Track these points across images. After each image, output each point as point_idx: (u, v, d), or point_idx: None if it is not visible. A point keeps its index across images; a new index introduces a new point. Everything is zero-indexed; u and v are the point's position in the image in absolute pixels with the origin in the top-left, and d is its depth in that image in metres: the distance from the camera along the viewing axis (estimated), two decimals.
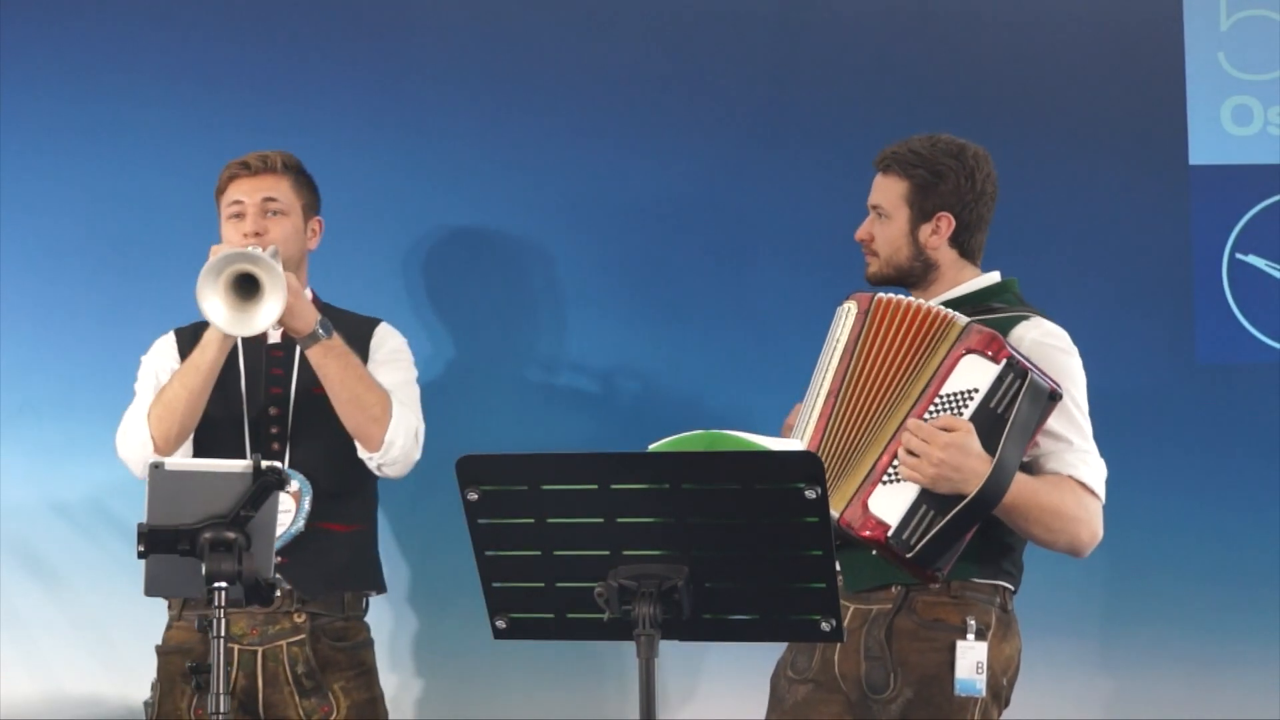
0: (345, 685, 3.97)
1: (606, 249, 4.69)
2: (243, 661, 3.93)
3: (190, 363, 3.93)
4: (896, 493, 3.60)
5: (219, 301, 3.77)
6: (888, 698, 3.68)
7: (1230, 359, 4.70)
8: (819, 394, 3.71)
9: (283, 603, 3.93)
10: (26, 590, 4.48)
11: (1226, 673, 4.58)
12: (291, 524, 3.95)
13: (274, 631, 3.94)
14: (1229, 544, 4.63)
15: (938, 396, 3.64)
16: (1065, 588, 4.55)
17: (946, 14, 4.78)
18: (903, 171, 3.85)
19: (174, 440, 3.93)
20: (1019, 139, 4.74)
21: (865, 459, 3.64)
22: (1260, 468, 4.65)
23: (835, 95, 4.73)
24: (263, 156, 4.06)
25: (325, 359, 3.91)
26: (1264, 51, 4.80)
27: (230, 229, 4.04)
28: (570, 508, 2.97)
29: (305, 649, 3.94)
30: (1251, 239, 4.74)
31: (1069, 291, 4.68)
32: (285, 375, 4.03)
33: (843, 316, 3.76)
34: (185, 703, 3.91)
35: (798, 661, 3.78)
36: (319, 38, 4.68)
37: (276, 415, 4.01)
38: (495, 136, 4.67)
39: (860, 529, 3.57)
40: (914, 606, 3.72)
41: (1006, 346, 3.65)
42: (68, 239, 4.57)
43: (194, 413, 3.93)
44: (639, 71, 4.72)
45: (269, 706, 3.94)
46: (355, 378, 3.93)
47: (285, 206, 4.05)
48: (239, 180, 4.05)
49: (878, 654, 3.71)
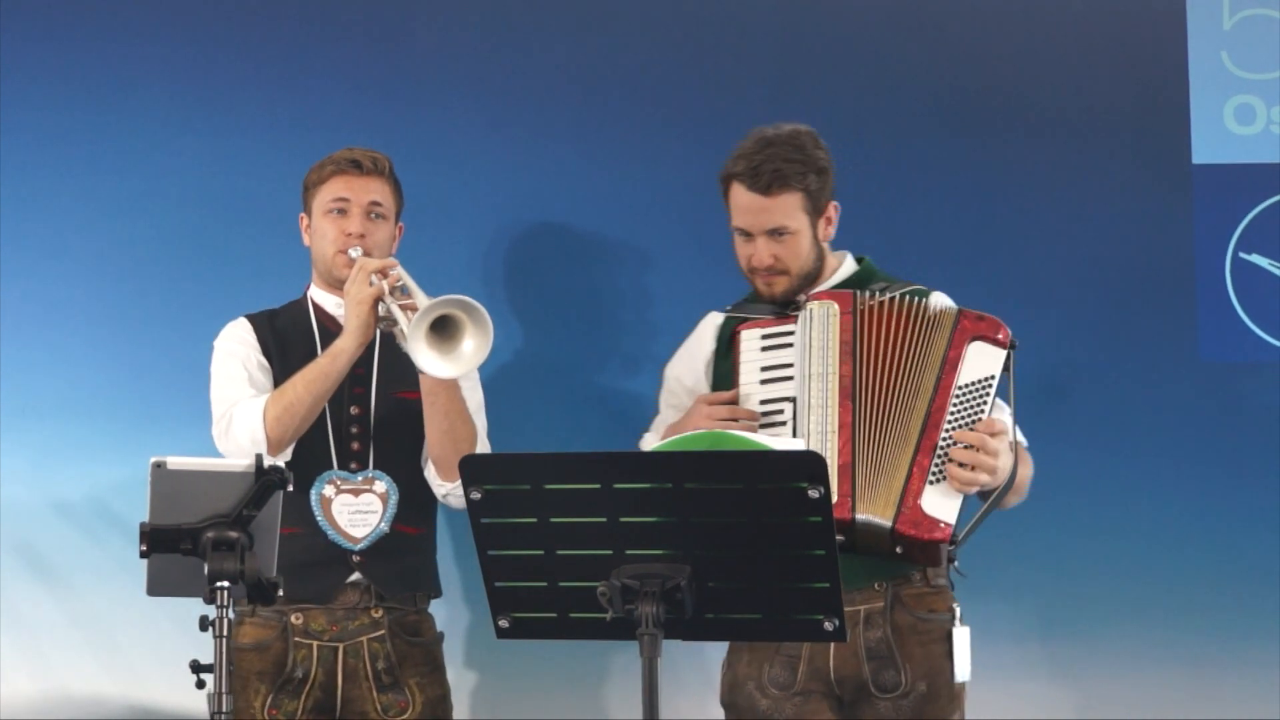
0: (420, 681, 3.99)
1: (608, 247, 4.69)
2: (322, 658, 3.94)
3: (319, 369, 3.90)
4: (945, 491, 3.62)
5: (425, 344, 3.71)
6: (900, 694, 3.71)
7: (1233, 357, 4.70)
8: (829, 398, 3.69)
9: (361, 598, 3.95)
10: (27, 590, 4.47)
11: (1226, 673, 4.58)
12: (377, 525, 3.97)
13: (354, 628, 3.96)
14: (1230, 543, 4.62)
15: (956, 388, 3.66)
16: (1065, 587, 4.55)
17: (947, 14, 4.77)
18: (796, 184, 3.79)
19: (288, 442, 3.92)
20: (1021, 138, 4.75)
21: (900, 460, 3.64)
22: (1262, 466, 4.65)
23: (835, 95, 4.73)
24: (373, 157, 4.06)
25: (438, 387, 3.91)
26: (1267, 51, 4.79)
27: (329, 224, 4.03)
28: (573, 507, 2.97)
29: (385, 644, 3.96)
30: (1254, 238, 4.73)
31: (1071, 290, 4.68)
32: (367, 376, 4.03)
33: (822, 318, 3.74)
34: (259, 702, 3.92)
35: (777, 676, 3.76)
36: (322, 36, 4.68)
37: (358, 415, 4.02)
38: (497, 136, 4.67)
39: (927, 533, 3.59)
40: (904, 601, 3.74)
41: (1005, 328, 3.66)
42: (68, 239, 4.57)
43: (312, 418, 3.93)
44: (647, 70, 4.72)
45: (347, 702, 3.95)
46: (457, 411, 3.94)
47: (386, 211, 4.06)
48: (347, 178, 4.04)
49: (885, 653, 3.72)
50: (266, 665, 3.93)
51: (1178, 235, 4.72)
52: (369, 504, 3.96)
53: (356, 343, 3.88)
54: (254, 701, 3.92)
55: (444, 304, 3.71)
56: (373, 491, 3.97)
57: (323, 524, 3.95)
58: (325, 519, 3.96)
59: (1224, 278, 4.72)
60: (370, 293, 3.86)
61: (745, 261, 3.87)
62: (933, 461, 3.62)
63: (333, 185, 4.05)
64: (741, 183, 3.81)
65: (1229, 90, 4.79)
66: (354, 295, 3.87)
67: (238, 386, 3.98)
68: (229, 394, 3.98)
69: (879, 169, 4.67)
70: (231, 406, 3.95)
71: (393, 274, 3.88)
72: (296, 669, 3.93)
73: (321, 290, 4.10)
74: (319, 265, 4.09)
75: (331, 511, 3.96)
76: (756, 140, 3.83)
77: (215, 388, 4.02)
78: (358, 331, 3.87)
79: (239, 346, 4.05)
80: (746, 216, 3.82)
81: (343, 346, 3.89)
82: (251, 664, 3.93)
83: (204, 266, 4.57)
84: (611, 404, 4.59)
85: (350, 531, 3.97)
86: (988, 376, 3.69)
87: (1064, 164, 4.74)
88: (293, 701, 3.93)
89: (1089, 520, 4.55)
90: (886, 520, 3.60)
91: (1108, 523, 4.60)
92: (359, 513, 3.96)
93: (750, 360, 3.81)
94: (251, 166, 4.59)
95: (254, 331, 4.07)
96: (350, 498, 3.97)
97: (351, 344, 3.88)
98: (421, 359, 3.70)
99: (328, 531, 3.95)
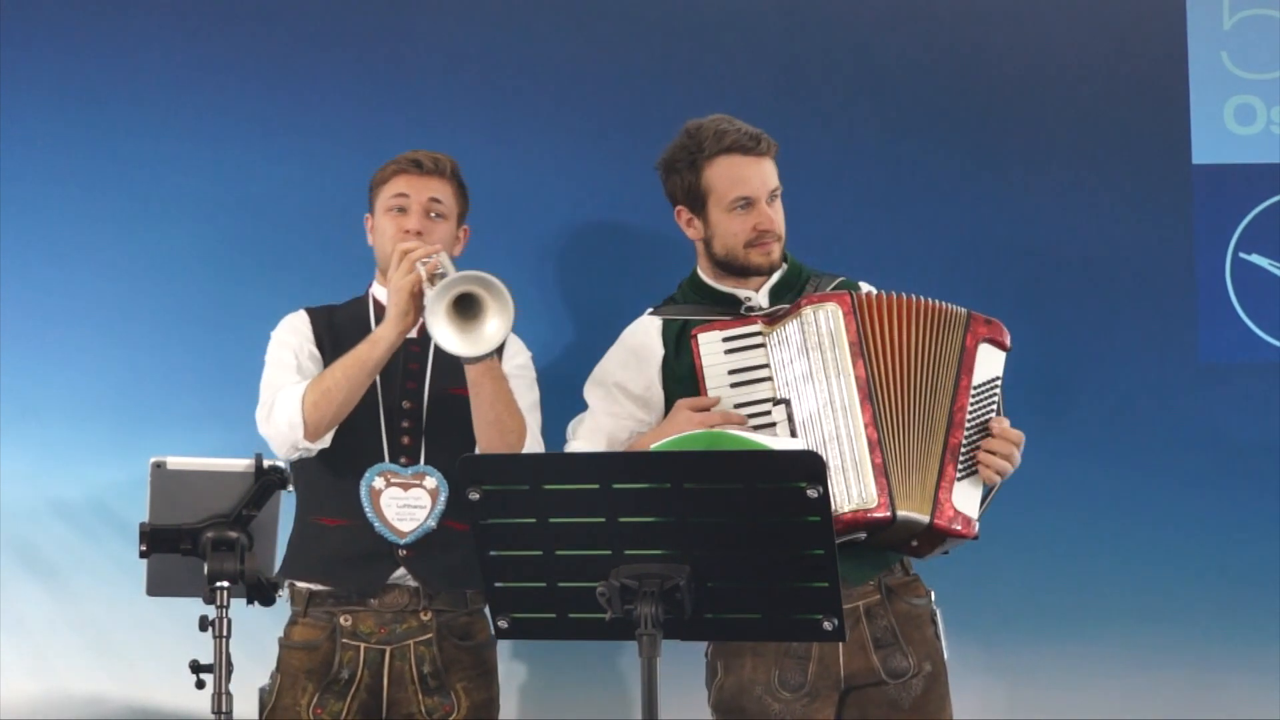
0: (467, 685, 3.98)
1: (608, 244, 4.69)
2: (369, 660, 3.94)
3: (357, 356, 3.91)
4: (969, 486, 3.73)
5: (444, 321, 3.72)
6: (909, 677, 3.79)
7: (1233, 358, 4.70)
8: (846, 398, 3.71)
9: (410, 600, 3.95)
10: (27, 590, 4.47)
11: (1226, 673, 4.58)
12: (425, 520, 3.97)
13: (402, 630, 3.95)
14: (1230, 543, 4.62)
15: (972, 388, 3.75)
16: (1066, 587, 4.55)
17: (947, 14, 4.77)
18: (774, 153, 3.90)
19: (325, 428, 3.92)
20: (1021, 139, 4.74)
21: (930, 458, 3.71)
22: (1262, 466, 4.65)
23: (836, 95, 4.73)
24: (434, 158, 4.09)
25: (484, 378, 3.91)
26: (1267, 51, 4.79)
27: (390, 222, 4.06)
28: (572, 507, 2.97)
29: (432, 648, 3.95)
30: (1254, 238, 4.73)
31: (1072, 291, 4.68)
32: (420, 370, 4.04)
33: (825, 320, 3.75)
34: (305, 700, 3.92)
35: (787, 679, 3.79)
36: (323, 38, 4.68)
37: (410, 409, 4.02)
38: (499, 135, 4.67)
39: (961, 527, 3.70)
40: (895, 591, 3.83)
41: (1008, 332, 3.78)
42: (68, 241, 4.56)
43: (350, 405, 3.92)
44: (647, 71, 4.72)
45: (392, 704, 3.95)
46: (504, 402, 3.93)
47: (446, 210, 4.08)
48: (408, 176, 4.08)
49: (890, 641, 3.80)
50: (315, 664, 3.93)
51: (1178, 235, 4.72)
52: (418, 499, 3.97)
53: (397, 330, 3.88)
54: (300, 700, 3.93)
55: (464, 280, 3.71)
56: (423, 487, 3.97)
57: (370, 515, 3.95)
58: (373, 511, 3.95)
59: (1224, 278, 4.72)
60: (411, 280, 3.86)
61: (745, 234, 3.89)
62: (959, 458, 3.71)
63: (394, 184, 4.08)
64: (736, 152, 3.87)
65: (1229, 90, 4.79)
66: (395, 283, 3.89)
67: (285, 374, 4.00)
68: (275, 380, 4.00)
69: (879, 169, 4.67)
70: (276, 392, 3.97)
71: (432, 260, 3.89)
72: (343, 670, 3.93)
73: (383, 287, 4.10)
74: (380, 262, 4.12)
75: (380, 504, 3.96)
76: (711, 120, 3.91)
77: (265, 375, 4.05)
78: (399, 319, 3.88)
79: (292, 336, 4.07)
80: (749, 184, 3.87)
81: (382, 334, 3.90)
82: (301, 662, 3.94)
83: (204, 268, 4.56)
84: None
85: (397, 525, 3.97)
86: (994, 378, 3.79)
87: (1064, 164, 4.74)
88: (338, 702, 3.93)
89: (1089, 520, 4.55)
90: (924, 516, 3.68)
91: (1107, 522, 4.59)
92: (407, 507, 3.97)
93: (714, 363, 3.82)
94: (252, 170, 4.59)
95: (310, 323, 4.09)
96: (400, 491, 3.97)
97: (391, 332, 3.89)
98: (440, 335, 3.71)
99: (374, 523, 3.95)
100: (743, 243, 3.89)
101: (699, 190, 3.90)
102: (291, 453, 3.91)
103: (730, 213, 3.88)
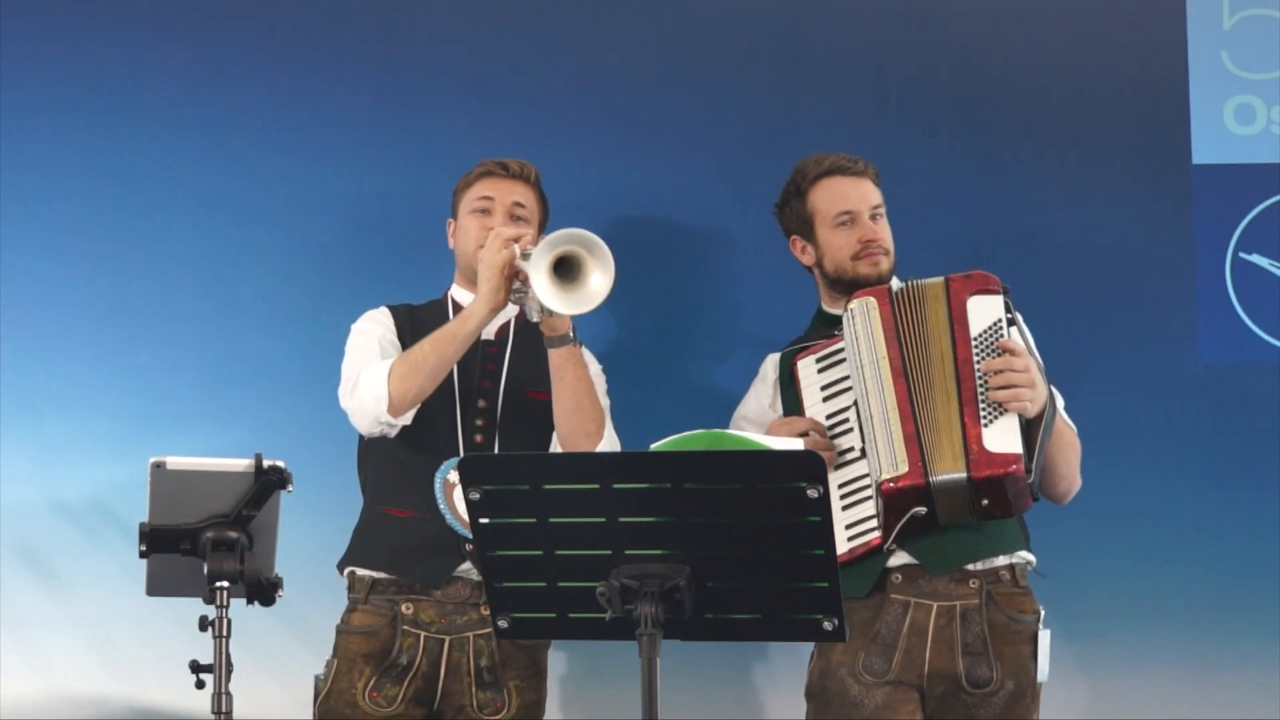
0: (520, 684, 4.01)
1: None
2: (428, 649, 3.96)
3: (448, 331, 3.94)
4: (1000, 429, 3.78)
5: (545, 281, 3.77)
6: (990, 691, 3.85)
7: (1233, 357, 4.70)
8: (883, 381, 3.84)
9: (472, 594, 3.97)
10: (28, 590, 4.47)
11: (1226, 673, 4.58)
12: None
13: (462, 622, 3.98)
14: (1230, 543, 4.62)
15: (973, 339, 3.84)
16: (1065, 587, 4.55)
17: (947, 14, 4.78)
18: (875, 180, 4.10)
19: (410, 402, 3.94)
20: (1022, 139, 4.75)
21: (950, 417, 3.79)
22: (1262, 466, 4.65)
23: (836, 95, 4.73)
24: (520, 164, 4.16)
25: (567, 363, 3.95)
26: (1266, 51, 4.79)
27: (474, 222, 4.10)
28: (572, 507, 2.97)
29: (490, 642, 3.97)
30: (1254, 238, 4.73)
31: (1072, 291, 4.68)
32: (497, 370, 4.07)
33: (863, 312, 3.91)
34: (361, 684, 3.94)
35: (871, 664, 3.87)
36: (325, 36, 4.68)
37: (485, 408, 4.04)
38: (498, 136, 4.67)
39: (1001, 467, 3.73)
40: (996, 600, 3.90)
41: (993, 277, 3.89)
42: (68, 239, 4.57)
43: (436, 380, 3.94)
44: (648, 71, 4.72)
45: (445, 695, 3.97)
46: (585, 388, 3.97)
47: (529, 214, 4.13)
48: (495, 179, 4.13)
49: (979, 649, 3.86)
50: (373, 649, 3.96)
51: (1178, 236, 4.72)
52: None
53: (488, 307, 3.90)
54: (357, 682, 3.95)
55: (565, 238, 3.77)
56: None
57: (443, 508, 3.96)
58: (446, 503, 3.97)
59: (1224, 278, 4.72)
60: (503, 257, 3.88)
61: (851, 246, 4.05)
62: (978, 406, 3.78)
63: (480, 186, 4.14)
64: (837, 174, 4.09)
65: (1229, 90, 4.79)
66: (486, 260, 3.91)
67: (370, 356, 4.03)
68: (360, 361, 4.03)
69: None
70: (360, 370, 3.99)
71: (526, 237, 3.92)
72: (401, 656, 3.95)
73: (463, 289, 4.14)
74: (462, 263, 4.15)
75: (453, 497, 3.97)
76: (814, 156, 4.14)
77: (348, 358, 4.07)
78: (489, 295, 3.89)
79: (375, 325, 4.11)
80: (850, 200, 4.06)
81: (474, 310, 3.93)
82: (359, 647, 3.96)
83: (204, 266, 4.57)
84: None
85: (468, 519, 3.98)
86: (995, 321, 3.86)
87: (1064, 163, 4.74)
88: (395, 687, 3.94)
89: (1089, 520, 4.55)
90: (960, 472, 3.75)
91: (1108, 523, 4.60)
92: None
93: (810, 384, 3.98)
94: (252, 166, 4.60)
95: (392, 317, 4.13)
96: None
97: (483, 308, 3.91)
98: (544, 294, 3.75)
99: (446, 515, 3.96)
100: (849, 255, 4.05)
101: (806, 215, 4.09)
102: (374, 427, 3.94)
103: (835, 229, 4.06)
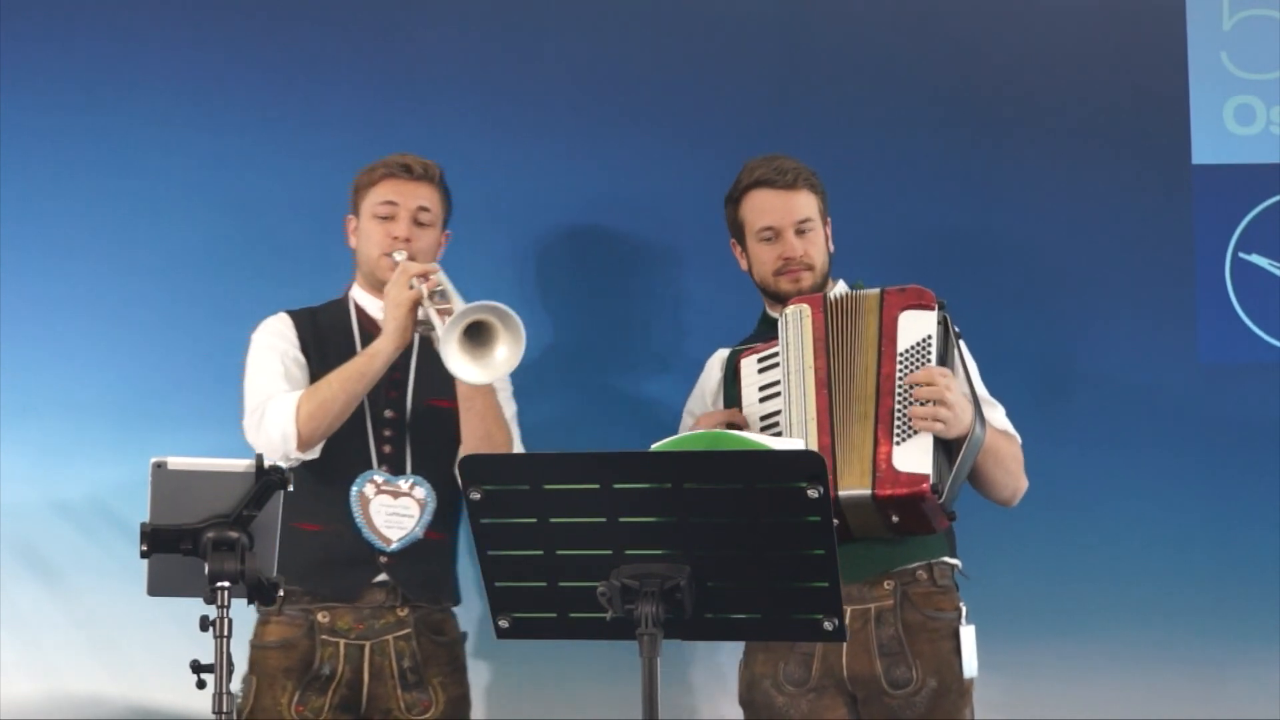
0: (443, 680, 4.01)
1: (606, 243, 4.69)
2: (349, 656, 3.95)
3: (356, 369, 3.93)
4: (912, 448, 3.73)
5: (457, 349, 3.74)
6: (912, 690, 3.81)
7: (1233, 358, 4.70)
8: (807, 390, 3.81)
9: (387, 597, 3.97)
10: (28, 590, 4.47)
11: (1227, 673, 4.58)
12: (412, 529, 3.99)
13: (380, 626, 3.97)
14: (1230, 543, 4.62)
15: (899, 355, 3.80)
16: (1066, 587, 4.55)
17: (947, 14, 4.78)
18: (811, 185, 4.05)
19: (318, 439, 3.94)
20: (1021, 139, 4.75)
21: (864, 433, 3.75)
22: (1262, 467, 4.65)
23: (836, 95, 4.73)
24: (424, 164, 4.10)
25: (476, 394, 3.95)
26: (1266, 51, 4.80)
27: (376, 227, 4.07)
28: (572, 507, 2.97)
29: (411, 643, 3.97)
30: (1254, 238, 4.74)
31: (1072, 291, 4.68)
32: (403, 380, 4.06)
33: (796, 319, 3.89)
34: (286, 699, 3.94)
35: (792, 673, 3.85)
36: (326, 35, 4.68)
37: (392, 419, 4.04)
38: (498, 135, 4.67)
39: (906, 487, 3.68)
40: (912, 600, 3.85)
41: (929, 292, 3.84)
42: (68, 238, 4.57)
43: (344, 416, 3.94)
44: (648, 71, 4.72)
45: (372, 699, 3.97)
46: (493, 417, 3.98)
47: (433, 218, 4.10)
48: (396, 181, 4.08)
49: (896, 650, 3.82)
50: (293, 662, 3.95)
51: (1177, 236, 4.72)
52: (406, 508, 3.99)
53: (394, 345, 3.90)
54: (281, 699, 3.94)
55: (478, 310, 3.74)
56: (412, 496, 3.99)
57: (359, 522, 3.97)
58: (362, 517, 3.97)
59: (1224, 278, 4.72)
60: (410, 296, 3.88)
61: (772, 263, 4.03)
62: (893, 423, 3.74)
63: (382, 188, 4.09)
64: (764, 186, 4.04)
65: (1229, 90, 4.79)
66: (393, 298, 3.90)
67: (273, 381, 4.00)
68: (264, 387, 4.00)
69: (879, 169, 4.68)
70: (265, 400, 3.96)
71: (433, 279, 3.91)
72: (323, 666, 3.94)
73: (364, 291, 4.12)
74: (363, 266, 4.12)
75: (369, 510, 3.98)
76: (761, 158, 4.09)
77: (250, 380, 4.04)
78: (396, 334, 3.90)
79: (277, 340, 4.06)
80: (773, 214, 4.03)
81: (380, 347, 3.92)
82: (278, 661, 3.95)
83: (204, 266, 4.57)
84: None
85: (385, 532, 3.99)
86: (925, 337, 3.82)
87: (1064, 164, 4.74)
88: (319, 698, 3.94)
89: (1089, 520, 4.55)
90: (865, 489, 3.71)
91: (1107, 523, 4.60)
92: (395, 515, 3.99)
93: (750, 383, 3.96)
94: (253, 166, 4.60)
95: (294, 327, 4.09)
96: (389, 499, 3.99)
97: (389, 346, 3.90)
98: (453, 364, 3.73)
99: (362, 530, 3.97)
100: (771, 271, 4.04)
101: (739, 223, 4.09)
102: (282, 461, 3.89)
103: (760, 243, 4.05)
